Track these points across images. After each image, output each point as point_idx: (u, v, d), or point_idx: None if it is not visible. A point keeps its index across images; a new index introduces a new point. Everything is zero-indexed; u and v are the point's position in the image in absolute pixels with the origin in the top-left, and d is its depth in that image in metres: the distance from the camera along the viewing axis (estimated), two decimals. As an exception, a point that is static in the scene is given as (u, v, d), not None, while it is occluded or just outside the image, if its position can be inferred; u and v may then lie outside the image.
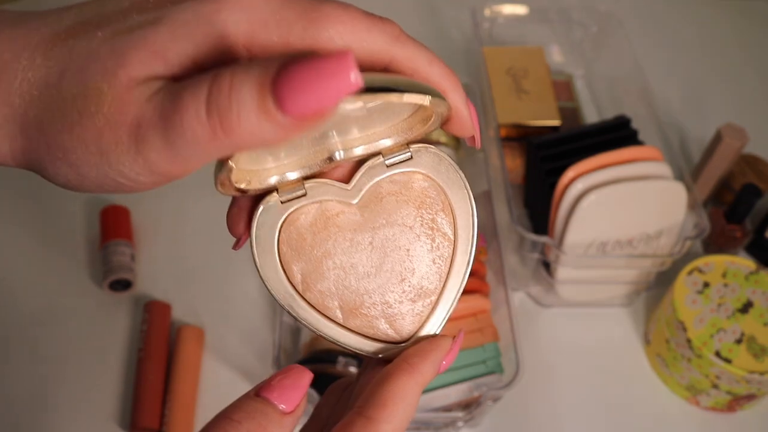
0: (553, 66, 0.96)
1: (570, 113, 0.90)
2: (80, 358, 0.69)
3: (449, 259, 0.29)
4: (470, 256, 0.29)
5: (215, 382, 0.68)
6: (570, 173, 0.67)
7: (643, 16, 1.09)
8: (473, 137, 0.28)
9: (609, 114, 0.86)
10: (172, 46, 0.22)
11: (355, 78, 0.20)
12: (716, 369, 0.64)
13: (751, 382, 0.64)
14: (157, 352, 0.67)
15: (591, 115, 0.93)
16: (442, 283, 0.29)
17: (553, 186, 0.69)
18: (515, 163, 0.82)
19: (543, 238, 0.68)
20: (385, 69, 0.25)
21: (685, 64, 1.04)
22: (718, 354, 0.64)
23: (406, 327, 0.29)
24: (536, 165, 0.74)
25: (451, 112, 0.27)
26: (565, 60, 0.98)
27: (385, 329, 0.29)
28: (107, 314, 0.72)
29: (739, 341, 0.65)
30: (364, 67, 0.25)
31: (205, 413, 0.66)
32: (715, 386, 0.66)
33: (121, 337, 0.70)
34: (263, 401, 0.27)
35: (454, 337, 0.29)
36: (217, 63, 0.23)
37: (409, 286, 0.29)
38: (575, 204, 0.66)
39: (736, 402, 0.67)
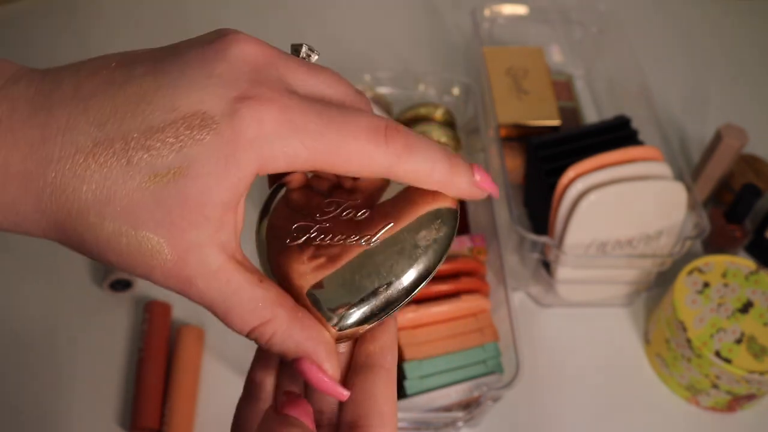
0: (553, 66, 0.96)
1: (570, 113, 0.90)
2: (80, 358, 0.69)
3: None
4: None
5: (215, 382, 0.68)
6: (570, 173, 0.67)
7: (643, 16, 1.09)
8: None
9: (609, 114, 0.86)
10: (208, 201, 0.24)
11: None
12: (716, 369, 0.64)
13: (751, 382, 0.64)
14: (157, 352, 0.67)
15: (591, 115, 0.93)
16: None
17: (553, 186, 0.69)
18: (515, 163, 0.82)
19: (543, 238, 0.68)
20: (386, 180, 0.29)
21: (685, 64, 1.04)
22: (718, 354, 0.64)
23: None
24: (536, 165, 0.74)
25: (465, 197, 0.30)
26: (565, 60, 0.98)
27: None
28: (107, 314, 0.72)
29: (739, 341, 0.65)
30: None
31: (205, 413, 0.66)
32: (715, 386, 0.66)
33: (121, 337, 0.70)
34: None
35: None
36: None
37: None
38: (575, 204, 0.66)
39: (736, 402, 0.67)
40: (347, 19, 1.05)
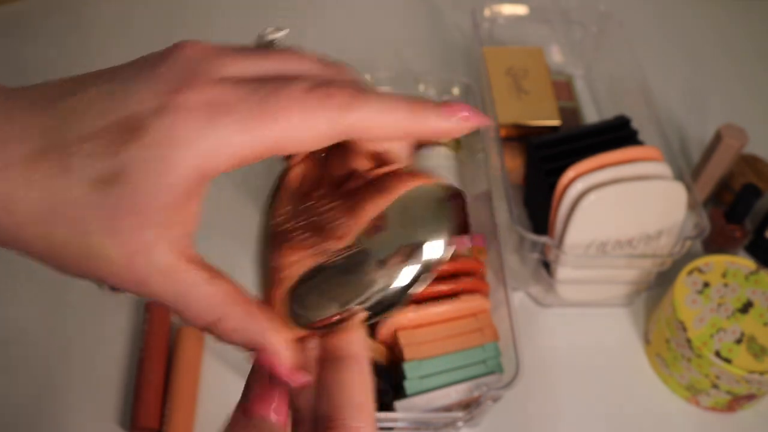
0: (553, 66, 0.96)
1: (570, 113, 0.90)
2: (80, 358, 0.69)
3: None
4: None
5: (215, 382, 0.68)
6: (570, 173, 0.67)
7: (643, 16, 1.09)
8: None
9: (609, 114, 0.86)
10: (149, 204, 0.24)
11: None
12: (716, 369, 0.64)
13: (751, 382, 0.64)
14: (158, 352, 0.67)
15: (591, 115, 0.93)
16: None
17: (553, 186, 0.69)
18: (515, 163, 0.82)
19: (543, 238, 0.68)
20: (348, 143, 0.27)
21: (685, 64, 1.04)
22: (718, 354, 0.64)
23: None
24: (536, 165, 0.74)
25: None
26: (565, 60, 0.98)
27: None
28: (107, 314, 0.72)
29: (739, 341, 0.65)
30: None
31: (205, 413, 0.66)
32: (715, 386, 0.66)
33: (122, 337, 0.70)
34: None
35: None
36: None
37: None
38: (575, 204, 0.66)
39: (736, 402, 0.67)
40: (347, 19, 1.05)
